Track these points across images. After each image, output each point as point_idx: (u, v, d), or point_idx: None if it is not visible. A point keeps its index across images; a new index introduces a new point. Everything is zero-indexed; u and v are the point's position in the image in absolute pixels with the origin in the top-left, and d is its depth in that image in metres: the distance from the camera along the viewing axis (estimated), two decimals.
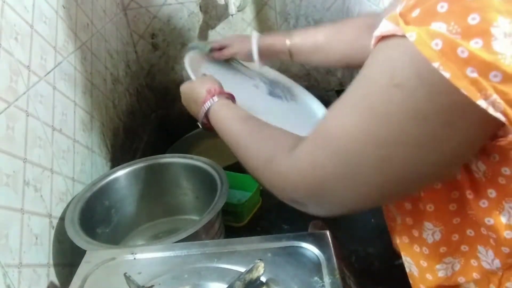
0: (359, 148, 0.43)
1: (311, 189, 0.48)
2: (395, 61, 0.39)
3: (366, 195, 0.46)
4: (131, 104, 1.30)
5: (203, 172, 0.90)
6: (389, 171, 0.42)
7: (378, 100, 0.41)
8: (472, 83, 0.34)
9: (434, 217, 0.51)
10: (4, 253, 0.65)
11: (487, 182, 0.45)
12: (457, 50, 0.34)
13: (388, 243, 0.59)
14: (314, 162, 0.47)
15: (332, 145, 0.45)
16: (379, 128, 0.41)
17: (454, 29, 0.35)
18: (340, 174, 0.45)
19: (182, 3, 1.36)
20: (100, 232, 0.86)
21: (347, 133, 0.44)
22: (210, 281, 0.59)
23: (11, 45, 0.72)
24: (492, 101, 0.35)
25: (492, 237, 0.47)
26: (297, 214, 0.96)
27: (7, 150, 0.68)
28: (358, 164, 0.44)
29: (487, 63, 0.34)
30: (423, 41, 0.36)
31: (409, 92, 0.38)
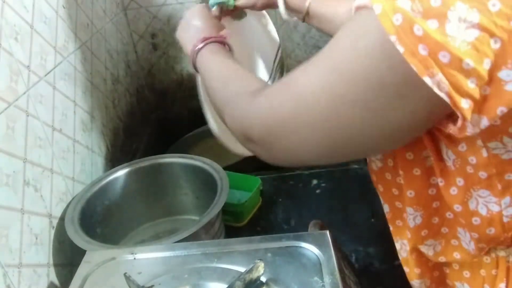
0: (314, 99, 0.45)
1: (266, 128, 0.50)
2: (361, 28, 0.41)
3: (314, 145, 0.47)
4: (131, 104, 1.30)
5: (203, 172, 0.90)
6: (336, 127, 0.44)
7: (340, 59, 0.43)
8: (421, 60, 0.36)
9: (414, 202, 0.52)
10: (4, 253, 0.65)
11: (456, 170, 0.47)
12: (413, 27, 0.36)
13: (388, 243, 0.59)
14: (271, 104, 0.49)
15: (292, 92, 0.47)
16: (335, 85, 0.43)
17: (417, 8, 0.36)
18: (290, 121, 0.47)
19: (182, 3, 1.36)
20: (100, 232, 0.86)
21: (307, 83, 0.46)
22: (210, 281, 0.59)
23: (11, 45, 0.72)
24: (438, 81, 0.36)
25: (462, 222, 0.50)
26: (297, 214, 0.96)
27: (7, 150, 0.68)
28: (308, 115, 0.45)
29: (438, 43, 0.35)
30: (386, 14, 0.37)
31: (370, 58, 0.40)
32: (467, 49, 0.35)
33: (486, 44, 0.35)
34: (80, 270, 0.63)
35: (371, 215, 0.92)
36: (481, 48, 0.35)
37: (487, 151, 0.44)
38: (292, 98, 0.47)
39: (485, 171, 0.45)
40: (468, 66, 0.35)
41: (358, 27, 0.42)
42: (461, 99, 0.36)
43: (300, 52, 1.43)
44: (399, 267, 0.58)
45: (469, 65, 0.35)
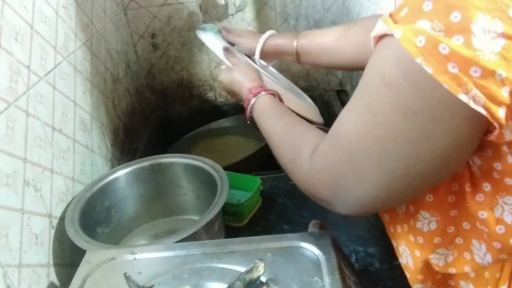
0: (359, 145, 0.45)
1: (328, 188, 0.51)
2: (385, 60, 0.41)
3: (374, 193, 0.47)
4: (131, 104, 1.30)
5: (203, 172, 0.90)
6: (388, 167, 0.44)
7: (372, 99, 0.43)
8: (453, 78, 0.36)
9: (432, 207, 0.52)
10: (4, 253, 0.65)
11: (483, 176, 0.47)
12: (438, 46, 0.36)
13: (388, 243, 0.59)
14: (327, 162, 0.50)
15: (340, 144, 0.48)
16: (375, 125, 0.43)
17: (437, 26, 0.36)
18: (348, 172, 0.47)
19: (182, 3, 1.36)
20: (100, 232, 0.86)
21: (350, 132, 0.46)
22: (210, 281, 0.59)
23: (11, 45, 0.72)
24: (473, 95, 0.36)
25: (485, 231, 0.48)
26: (297, 214, 0.96)
27: (7, 150, 0.68)
28: (361, 161, 0.46)
29: (467, 59, 0.35)
30: (408, 38, 0.38)
31: (398, 90, 0.40)
32: (497, 60, 0.35)
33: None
34: (80, 270, 0.63)
35: (371, 215, 0.92)
36: (508, 56, 0.35)
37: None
38: (341, 151, 0.48)
39: (511, 178, 0.44)
40: (501, 77, 0.35)
41: (381, 60, 0.42)
42: (498, 108, 0.36)
43: None
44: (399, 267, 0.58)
45: (501, 75, 0.35)
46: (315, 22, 1.39)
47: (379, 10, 1.02)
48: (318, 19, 1.38)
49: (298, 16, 1.38)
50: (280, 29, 1.40)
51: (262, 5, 1.37)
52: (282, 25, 1.39)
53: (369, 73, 0.44)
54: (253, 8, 1.37)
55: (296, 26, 1.40)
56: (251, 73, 0.78)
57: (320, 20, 1.38)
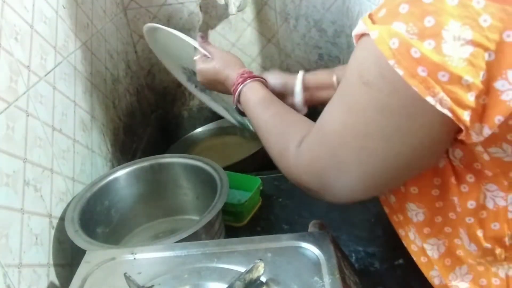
0: (341, 141, 0.47)
1: (313, 179, 0.53)
2: (363, 59, 0.43)
3: (356, 185, 0.49)
4: (131, 104, 1.30)
5: (203, 172, 0.90)
6: (368, 161, 0.46)
7: (352, 98, 0.45)
8: (421, 81, 0.38)
9: (417, 199, 0.54)
10: (4, 253, 0.65)
11: (465, 168, 0.49)
12: (411, 50, 0.37)
13: (388, 243, 0.59)
14: (312, 156, 0.52)
15: (323, 139, 0.50)
16: (355, 122, 0.45)
17: (412, 29, 0.37)
18: (332, 165, 0.49)
19: (182, 3, 1.36)
20: (100, 232, 0.86)
21: (333, 128, 0.48)
22: (210, 281, 0.59)
23: (11, 45, 0.72)
24: (440, 99, 0.38)
25: (467, 223, 0.50)
26: (297, 214, 0.96)
27: (7, 150, 0.68)
28: (344, 156, 0.48)
29: (436, 64, 0.37)
30: (383, 39, 0.39)
31: (376, 89, 0.41)
32: (464, 66, 0.36)
33: (480, 58, 0.36)
34: (80, 270, 0.63)
35: (371, 215, 0.92)
36: (476, 62, 0.36)
37: (489, 155, 0.45)
38: (324, 146, 0.50)
39: (489, 170, 0.46)
40: (467, 82, 0.37)
41: (360, 59, 0.44)
42: (463, 112, 0.38)
43: (300, 52, 1.43)
44: (399, 267, 0.58)
45: (468, 81, 0.37)
46: (315, 22, 1.39)
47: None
48: (318, 19, 1.38)
49: (298, 16, 1.38)
50: (280, 29, 1.40)
51: (262, 5, 1.37)
52: (282, 25, 1.40)
53: (349, 72, 0.45)
54: (253, 8, 1.37)
55: (296, 26, 1.40)
56: (234, 59, 0.77)
57: (320, 20, 1.38)
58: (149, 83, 1.48)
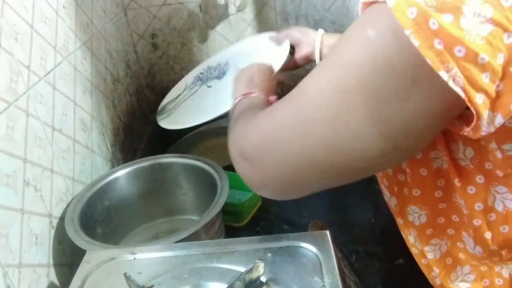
0: (315, 96, 0.43)
1: (260, 140, 0.48)
2: (373, 18, 0.40)
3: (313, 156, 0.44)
4: (131, 104, 1.30)
5: (203, 172, 0.90)
6: (343, 122, 0.41)
7: (349, 50, 0.41)
8: (437, 54, 0.36)
9: (419, 201, 0.52)
10: (4, 253, 0.65)
11: (475, 168, 0.47)
12: (429, 21, 0.36)
13: (388, 243, 0.59)
14: (276, 114, 0.47)
15: (297, 97, 0.45)
16: (344, 78, 0.41)
17: (430, 1, 0.36)
18: (291, 124, 0.44)
19: (182, 3, 1.36)
20: (100, 232, 0.86)
21: (313, 85, 0.44)
22: (210, 281, 0.59)
23: (11, 45, 0.72)
24: (453, 75, 0.36)
25: (474, 226, 0.49)
26: (297, 214, 0.96)
27: (7, 150, 0.68)
28: (311, 113, 0.43)
29: (453, 37, 0.35)
30: (400, 7, 0.37)
31: (382, 44, 0.39)
32: (482, 44, 0.35)
33: (499, 39, 0.35)
34: (80, 270, 0.63)
35: (371, 215, 0.92)
36: (494, 42, 0.35)
37: (502, 153, 0.44)
38: (297, 103, 0.45)
39: (501, 171, 0.45)
40: (483, 61, 0.35)
41: (367, 20, 0.40)
42: (476, 94, 0.36)
43: None
44: (399, 267, 0.58)
45: (484, 59, 0.35)
46: (315, 22, 1.39)
47: None
48: (318, 19, 1.38)
49: (298, 16, 1.38)
50: (280, 29, 1.40)
51: (262, 5, 1.37)
52: (282, 25, 1.39)
53: (352, 29, 0.42)
54: (253, 8, 1.37)
55: None
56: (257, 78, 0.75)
57: (320, 20, 1.38)
58: (149, 83, 1.48)
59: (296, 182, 0.47)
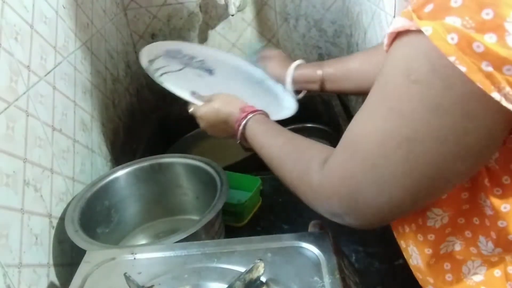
0: (383, 151, 0.44)
1: (345, 200, 0.49)
2: (410, 57, 0.40)
3: (399, 200, 0.46)
4: (131, 104, 1.30)
5: (203, 172, 0.90)
6: (415, 169, 0.43)
7: (396, 99, 0.42)
8: (486, 76, 0.36)
9: (445, 204, 0.51)
10: (4, 253, 0.65)
11: (500, 169, 0.46)
12: (472, 44, 0.35)
13: (388, 243, 0.59)
14: (344, 173, 0.48)
15: (358, 153, 0.46)
16: (400, 127, 0.42)
17: (468, 23, 0.36)
18: (370, 181, 0.46)
19: (182, 3, 1.36)
20: (100, 232, 0.86)
21: (370, 138, 0.45)
22: (210, 281, 0.59)
23: (11, 45, 0.72)
24: (505, 94, 0.36)
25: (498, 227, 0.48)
26: (297, 214, 0.96)
27: (7, 150, 0.68)
28: (385, 168, 0.44)
29: (501, 57, 0.35)
30: (439, 35, 0.37)
31: (427, 87, 0.39)
32: None
33: None
34: (80, 270, 0.63)
35: None
36: None
37: None
38: (360, 159, 0.46)
39: None
40: None
41: (405, 57, 0.41)
42: None
43: (300, 52, 1.43)
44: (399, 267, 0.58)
45: None
46: (315, 22, 1.39)
47: (379, 10, 1.02)
48: (318, 19, 1.38)
49: (298, 16, 1.38)
50: (280, 29, 1.40)
51: (262, 5, 1.37)
52: (282, 25, 1.39)
53: (390, 73, 0.43)
54: (253, 8, 1.37)
55: (296, 26, 1.40)
56: (232, 97, 0.79)
57: (320, 20, 1.38)
58: (149, 83, 1.47)
59: (392, 213, 0.50)
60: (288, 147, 0.62)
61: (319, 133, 1.30)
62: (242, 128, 0.73)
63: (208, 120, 0.80)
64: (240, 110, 0.75)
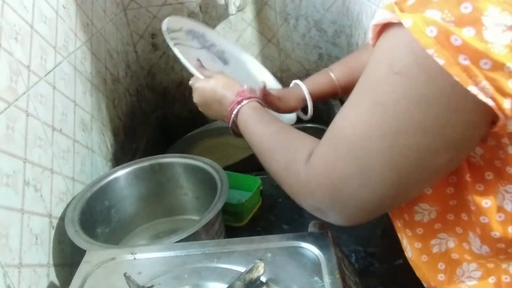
0: (366, 143, 0.44)
1: (328, 193, 0.49)
2: (393, 49, 0.40)
3: (382, 194, 0.46)
4: (131, 104, 1.30)
5: (203, 172, 0.90)
6: (399, 162, 0.43)
7: (380, 91, 0.42)
8: (463, 70, 0.36)
9: (431, 199, 0.52)
10: (4, 253, 0.65)
11: (485, 165, 0.47)
12: (450, 38, 0.36)
13: (388, 243, 0.59)
14: (327, 165, 0.48)
15: (341, 145, 0.47)
16: (383, 119, 0.42)
17: (447, 17, 0.36)
18: (353, 174, 0.46)
19: (182, 3, 1.36)
20: (100, 232, 0.86)
21: (354, 130, 0.45)
22: (210, 281, 0.59)
23: (11, 45, 0.72)
24: (482, 87, 0.36)
25: (481, 223, 0.48)
26: (297, 214, 0.96)
27: (7, 150, 0.68)
28: (368, 160, 0.44)
29: (478, 51, 0.35)
30: (418, 28, 0.37)
31: (410, 79, 0.39)
32: (506, 53, 0.35)
33: None
34: (80, 270, 0.63)
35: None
36: None
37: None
38: (344, 152, 0.46)
39: (511, 167, 0.45)
40: (509, 69, 0.36)
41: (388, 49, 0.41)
42: (504, 100, 0.37)
43: (300, 52, 1.43)
44: (399, 267, 0.58)
45: (510, 68, 0.36)
46: (315, 22, 1.39)
47: (379, 10, 1.02)
48: (318, 19, 1.38)
49: (298, 16, 1.38)
50: (280, 29, 1.40)
51: (262, 5, 1.37)
52: (282, 25, 1.39)
53: (375, 65, 0.43)
54: (253, 8, 1.37)
55: (296, 26, 1.40)
56: (231, 80, 0.78)
57: (320, 20, 1.38)
58: (149, 83, 1.48)
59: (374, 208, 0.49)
60: (277, 137, 0.62)
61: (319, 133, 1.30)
62: (235, 112, 0.71)
63: (203, 95, 0.79)
64: (236, 94, 0.73)
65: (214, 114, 0.80)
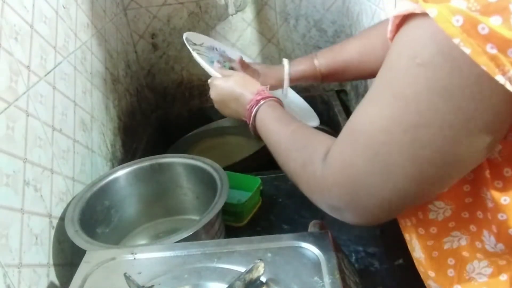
0: (387, 138, 0.43)
1: (345, 191, 0.48)
2: (415, 40, 0.39)
3: (404, 191, 0.45)
4: (131, 104, 1.30)
5: (203, 172, 0.90)
6: (421, 156, 0.42)
7: (401, 84, 0.41)
8: (491, 59, 0.35)
9: (446, 197, 0.50)
10: (4, 253, 0.65)
11: (503, 161, 0.45)
12: (477, 26, 0.35)
13: (388, 243, 0.59)
14: (344, 162, 0.47)
15: (360, 141, 0.45)
16: (405, 112, 0.41)
17: (473, 6, 0.35)
18: (373, 170, 0.45)
19: (182, 3, 1.36)
20: (100, 232, 0.86)
21: (374, 125, 0.44)
22: (210, 281, 0.59)
23: (11, 45, 0.72)
24: (510, 77, 0.35)
25: (498, 220, 0.47)
26: (297, 214, 0.96)
27: (7, 150, 0.68)
28: (389, 155, 0.43)
29: (506, 39, 0.35)
30: (444, 17, 0.36)
31: (433, 69, 0.38)
32: None
33: None
34: (80, 270, 0.63)
35: None
36: None
37: None
38: (362, 148, 0.45)
39: None
40: None
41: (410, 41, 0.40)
42: None
43: (300, 52, 1.43)
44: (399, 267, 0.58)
45: None
46: (315, 22, 1.39)
47: (379, 10, 1.02)
48: (318, 19, 1.38)
49: (298, 16, 1.38)
50: (280, 29, 1.40)
51: (262, 5, 1.37)
52: (282, 25, 1.39)
53: (395, 58, 0.42)
54: (253, 8, 1.37)
55: (296, 26, 1.40)
56: (251, 80, 0.78)
57: (320, 20, 1.38)
58: (149, 83, 1.48)
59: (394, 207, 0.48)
60: (295, 136, 0.61)
61: None
62: (255, 111, 0.71)
63: (220, 93, 0.79)
64: (256, 93, 0.73)
65: (230, 112, 0.80)
